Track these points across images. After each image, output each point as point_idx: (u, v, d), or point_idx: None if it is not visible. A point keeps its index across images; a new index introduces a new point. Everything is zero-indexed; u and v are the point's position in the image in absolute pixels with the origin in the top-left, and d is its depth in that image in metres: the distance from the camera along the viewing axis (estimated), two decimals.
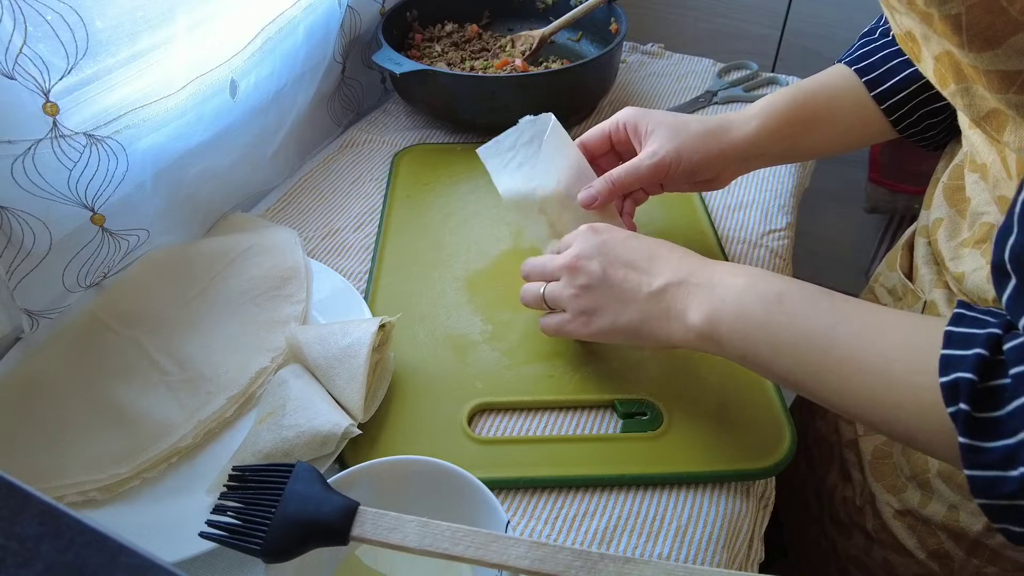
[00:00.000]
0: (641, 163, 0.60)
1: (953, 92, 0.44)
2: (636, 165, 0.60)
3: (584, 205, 0.60)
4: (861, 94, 0.61)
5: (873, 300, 0.72)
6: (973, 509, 0.55)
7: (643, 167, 0.60)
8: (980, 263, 0.52)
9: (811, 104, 0.62)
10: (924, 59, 0.46)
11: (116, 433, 0.53)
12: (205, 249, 0.67)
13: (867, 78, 0.61)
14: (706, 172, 0.62)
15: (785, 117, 0.61)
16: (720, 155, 0.61)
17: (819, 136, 0.64)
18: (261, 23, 0.70)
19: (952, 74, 0.43)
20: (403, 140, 0.88)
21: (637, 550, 0.49)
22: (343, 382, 0.53)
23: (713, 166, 0.62)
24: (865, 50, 0.62)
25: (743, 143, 0.61)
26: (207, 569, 0.48)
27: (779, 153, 0.64)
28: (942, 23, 0.38)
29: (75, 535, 0.21)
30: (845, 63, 0.63)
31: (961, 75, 0.43)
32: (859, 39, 0.65)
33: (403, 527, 0.38)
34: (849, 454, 0.67)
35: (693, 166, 0.61)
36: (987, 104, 0.43)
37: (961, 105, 0.44)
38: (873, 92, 0.61)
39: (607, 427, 0.56)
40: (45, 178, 0.53)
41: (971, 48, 0.38)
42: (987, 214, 0.52)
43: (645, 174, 0.60)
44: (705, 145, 0.60)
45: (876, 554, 0.64)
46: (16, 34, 0.48)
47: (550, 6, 1.02)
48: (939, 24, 0.39)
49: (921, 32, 0.44)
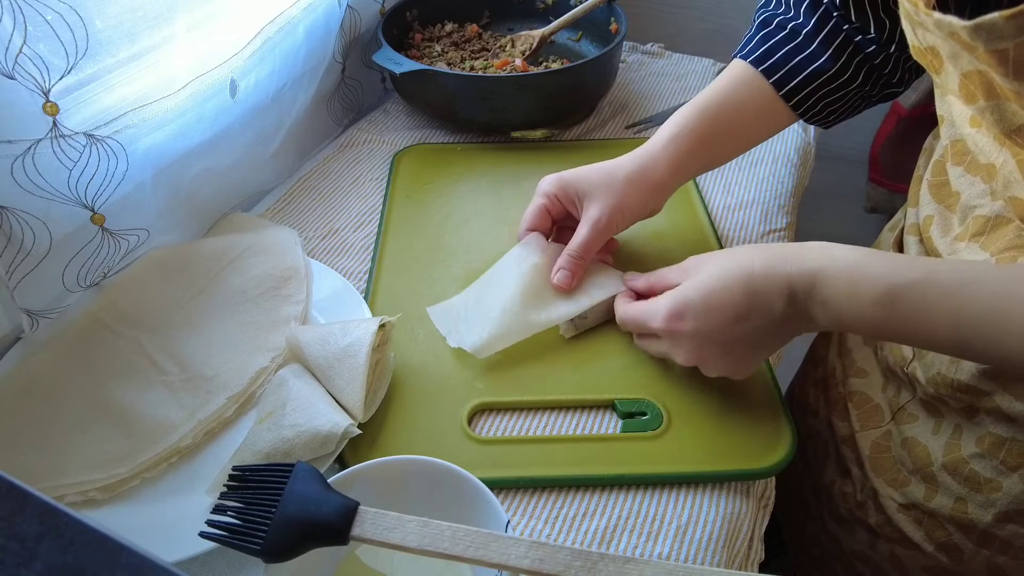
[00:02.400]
0: (594, 229, 0.61)
1: (982, 107, 0.45)
2: (589, 232, 0.61)
3: (562, 288, 0.61)
4: (768, 95, 0.63)
5: None
6: (981, 501, 0.55)
7: (596, 232, 0.61)
8: (983, 256, 0.52)
9: (719, 120, 0.64)
10: (947, 73, 0.47)
11: (116, 433, 0.53)
12: (205, 249, 0.67)
13: (773, 79, 0.62)
14: (644, 211, 0.65)
15: (696, 140, 0.63)
16: (651, 194, 0.64)
17: (728, 147, 0.67)
18: (261, 23, 0.70)
19: (983, 91, 0.44)
20: (403, 140, 0.88)
21: (637, 550, 0.49)
22: (343, 382, 0.53)
23: (648, 204, 0.64)
24: (767, 46, 0.63)
25: (667, 176, 0.63)
26: (207, 569, 0.48)
27: (693, 173, 0.68)
28: (987, 55, 0.39)
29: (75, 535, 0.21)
30: (749, 62, 0.64)
31: (993, 93, 0.43)
32: (756, 28, 0.65)
33: (403, 527, 0.38)
34: (846, 450, 0.67)
35: (634, 212, 0.63)
36: (1019, 119, 0.43)
37: (991, 120, 0.45)
38: (781, 91, 0.62)
39: (607, 427, 0.56)
40: (45, 178, 0.53)
41: (1016, 77, 0.39)
42: (980, 207, 0.52)
43: (600, 237, 0.62)
44: (638, 190, 0.63)
45: (882, 548, 0.64)
46: (16, 34, 0.48)
47: (550, 6, 1.02)
48: (983, 55, 0.40)
49: (950, 52, 0.44)
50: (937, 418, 0.57)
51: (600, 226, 0.61)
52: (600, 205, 0.62)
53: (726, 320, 0.50)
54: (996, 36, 0.38)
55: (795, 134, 0.90)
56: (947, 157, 0.56)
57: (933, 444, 0.57)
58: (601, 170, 0.64)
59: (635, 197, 0.62)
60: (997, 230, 0.51)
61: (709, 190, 0.81)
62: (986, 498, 0.54)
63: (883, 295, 0.45)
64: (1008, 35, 0.37)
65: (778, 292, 0.49)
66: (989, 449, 0.54)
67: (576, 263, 0.62)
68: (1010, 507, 0.53)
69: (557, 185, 0.64)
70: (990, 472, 0.54)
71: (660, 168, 0.63)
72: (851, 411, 0.66)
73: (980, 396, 0.53)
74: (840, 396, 0.68)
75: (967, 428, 0.55)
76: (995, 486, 0.53)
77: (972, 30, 0.38)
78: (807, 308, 0.48)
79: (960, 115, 0.52)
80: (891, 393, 0.62)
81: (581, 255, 0.62)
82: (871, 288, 0.46)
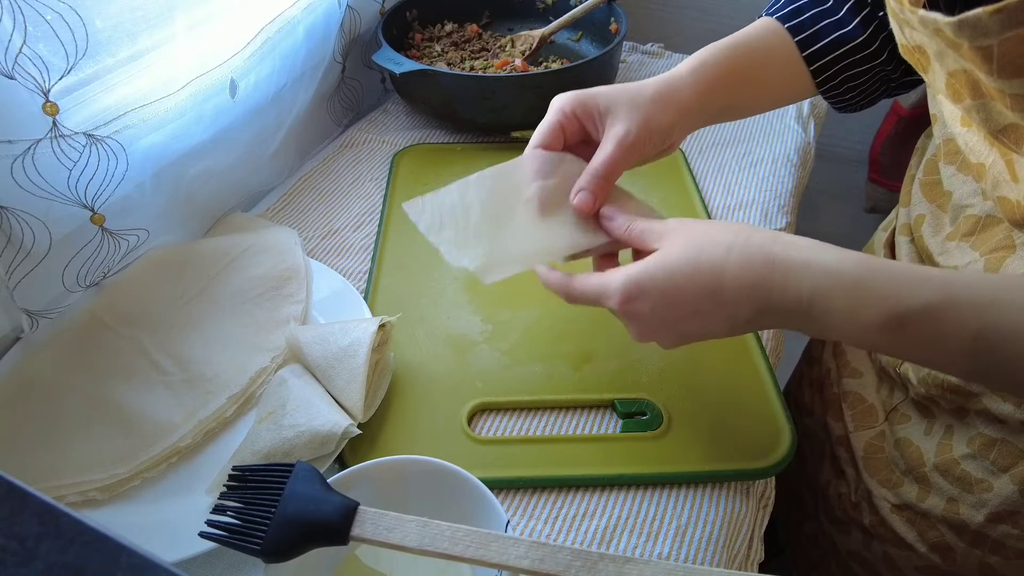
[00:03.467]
0: (620, 145, 0.55)
1: (969, 106, 0.45)
2: (615, 148, 0.55)
3: (583, 212, 0.55)
4: (791, 52, 0.60)
5: None
6: (973, 501, 0.55)
7: (624, 149, 0.55)
8: (973, 256, 0.52)
9: (746, 60, 0.60)
10: (934, 72, 0.46)
11: (116, 433, 0.53)
12: (205, 249, 0.67)
13: (799, 37, 0.60)
14: (668, 137, 0.58)
15: (722, 74, 0.59)
16: (677, 116, 0.58)
17: (751, 93, 0.63)
18: (261, 23, 0.70)
19: (968, 90, 0.44)
20: (403, 140, 0.88)
21: (637, 550, 0.49)
22: (343, 382, 0.53)
23: (672, 130, 0.58)
24: (794, 6, 0.61)
25: (693, 100, 0.58)
26: (207, 569, 0.48)
27: (715, 112, 0.61)
28: (972, 52, 0.39)
29: (75, 535, 0.21)
30: (776, 18, 0.61)
31: (979, 92, 0.43)
32: None
33: (403, 527, 0.38)
34: (840, 450, 0.67)
35: (659, 136, 0.57)
36: (1005, 119, 0.43)
37: (977, 119, 0.45)
38: (804, 52, 0.60)
39: (607, 427, 0.56)
40: (45, 178, 0.53)
41: (1001, 76, 0.38)
42: (972, 207, 0.52)
43: (626, 156, 0.55)
44: (665, 109, 0.57)
45: (876, 549, 0.64)
46: (16, 34, 0.48)
47: (550, 6, 1.02)
48: (967, 52, 0.39)
49: (936, 50, 0.44)
50: (929, 419, 0.57)
51: (627, 143, 0.54)
52: (627, 121, 0.55)
53: (684, 314, 0.46)
54: (980, 32, 0.37)
55: (795, 134, 0.90)
56: (939, 156, 0.56)
57: (925, 445, 0.57)
58: (624, 88, 0.58)
59: (662, 116, 0.56)
60: (987, 230, 0.51)
61: (709, 190, 0.81)
62: (978, 498, 0.54)
63: (890, 318, 0.40)
64: (992, 31, 0.37)
65: (748, 302, 0.44)
66: (980, 450, 0.54)
67: (599, 183, 0.54)
68: (1001, 507, 0.53)
69: (576, 101, 0.56)
70: (981, 473, 0.54)
71: (687, 90, 0.58)
72: (845, 412, 0.66)
73: (969, 397, 0.53)
74: (835, 396, 0.68)
75: (959, 429, 0.55)
76: (986, 486, 0.54)
77: (956, 26, 0.38)
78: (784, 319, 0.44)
79: (951, 115, 0.52)
80: (884, 394, 0.62)
81: (605, 175, 0.54)
82: (876, 310, 0.41)
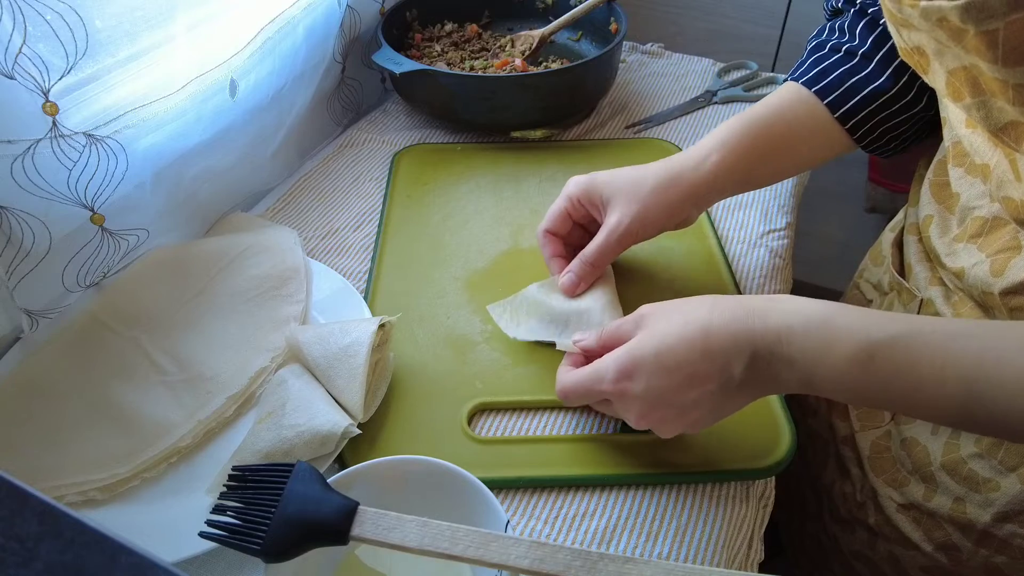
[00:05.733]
0: (611, 236, 0.58)
1: (968, 105, 0.45)
2: (606, 240, 0.59)
3: (567, 293, 0.59)
4: (821, 116, 0.60)
5: (858, 296, 0.72)
6: (980, 501, 0.55)
7: (614, 240, 0.59)
8: (979, 257, 0.52)
9: (768, 135, 0.61)
10: (934, 72, 0.46)
11: (116, 433, 0.53)
12: (205, 249, 0.67)
13: (828, 100, 0.59)
14: (671, 222, 0.61)
15: (742, 153, 0.60)
16: (681, 203, 0.60)
17: (777, 165, 0.63)
18: (261, 23, 0.70)
19: (968, 88, 0.44)
20: (403, 140, 0.88)
21: (637, 550, 0.49)
22: (343, 382, 0.53)
23: (677, 214, 0.61)
24: (820, 68, 0.60)
25: (702, 186, 0.60)
26: (207, 569, 0.48)
27: (736, 187, 0.63)
28: (976, 39, 0.39)
29: (75, 535, 0.21)
30: (802, 83, 0.61)
31: (978, 89, 0.43)
32: (808, 53, 0.63)
33: (403, 527, 0.38)
34: (846, 450, 0.67)
35: (659, 222, 0.60)
36: (1005, 116, 0.43)
37: (977, 117, 0.45)
38: (836, 113, 0.59)
39: (607, 427, 0.56)
40: (45, 178, 0.53)
41: (1005, 63, 0.38)
42: (979, 208, 0.52)
43: (617, 246, 0.59)
44: (666, 198, 0.59)
45: (881, 548, 0.64)
46: (16, 34, 0.48)
47: (550, 6, 1.02)
48: (972, 40, 0.39)
49: (934, 48, 0.44)
50: None
51: (618, 233, 0.58)
52: (621, 212, 0.59)
53: (679, 382, 0.45)
54: (987, 15, 0.37)
55: None
56: (948, 158, 0.56)
57: (932, 444, 0.57)
58: (629, 175, 0.60)
59: (660, 207, 0.59)
60: (994, 232, 0.51)
61: None
62: (984, 498, 0.54)
63: (859, 351, 0.41)
64: (999, 13, 0.37)
65: (737, 352, 0.44)
66: (987, 449, 0.54)
67: (586, 269, 0.59)
68: (1008, 507, 0.53)
69: (582, 188, 0.61)
70: (988, 472, 0.54)
71: (692, 177, 0.59)
72: (851, 411, 0.66)
73: None
74: None
75: None
76: (993, 486, 0.54)
77: (963, 10, 0.38)
78: (772, 369, 0.44)
79: (956, 117, 0.52)
80: None
81: (592, 262, 0.59)
82: (846, 344, 0.42)
